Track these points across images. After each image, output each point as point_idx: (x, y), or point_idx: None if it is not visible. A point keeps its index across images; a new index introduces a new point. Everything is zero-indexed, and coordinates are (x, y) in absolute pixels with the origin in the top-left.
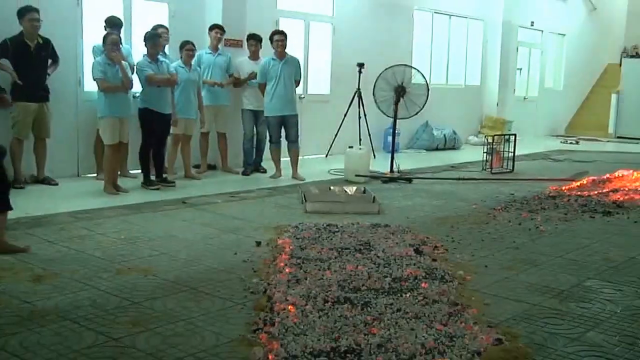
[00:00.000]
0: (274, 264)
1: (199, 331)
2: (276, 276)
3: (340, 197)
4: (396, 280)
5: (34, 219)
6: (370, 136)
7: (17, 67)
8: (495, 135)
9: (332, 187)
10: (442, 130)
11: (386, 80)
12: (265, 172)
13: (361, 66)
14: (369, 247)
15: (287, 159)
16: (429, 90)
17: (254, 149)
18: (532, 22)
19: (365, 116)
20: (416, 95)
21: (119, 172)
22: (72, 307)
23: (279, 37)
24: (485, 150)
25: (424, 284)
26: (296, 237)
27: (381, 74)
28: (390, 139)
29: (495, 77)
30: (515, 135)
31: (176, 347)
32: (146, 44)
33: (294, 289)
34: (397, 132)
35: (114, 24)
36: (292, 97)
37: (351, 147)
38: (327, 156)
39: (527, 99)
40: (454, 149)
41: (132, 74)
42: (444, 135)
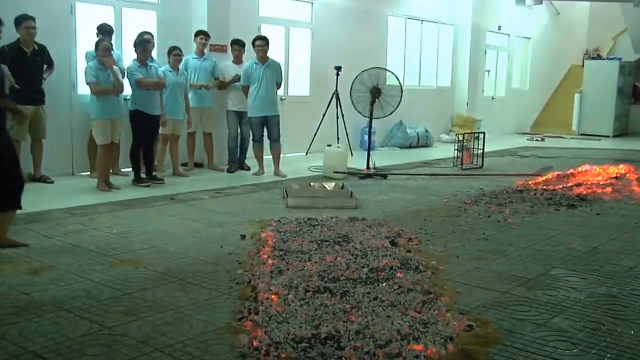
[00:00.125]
0: (258, 256)
1: (188, 320)
2: (260, 267)
3: (319, 193)
4: (373, 270)
5: (32, 215)
6: (347, 135)
7: (15, 72)
8: (465, 133)
9: (312, 183)
10: (415, 128)
11: (362, 82)
12: (248, 169)
13: (338, 69)
14: (347, 239)
15: (269, 157)
16: (402, 91)
17: (238, 147)
18: (499, 27)
19: (342, 116)
20: (390, 96)
21: (111, 171)
22: (68, 298)
23: (260, 43)
24: (456, 147)
25: (399, 274)
26: (278, 231)
27: (357, 76)
28: (366, 137)
29: (465, 79)
30: (484, 133)
31: (166, 335)
32: (136, 50)
33: (276, 280)
34: (372, 130)
35: (105, 31)
36: (273, 99)
37: (330, 146)
38: (307, 154)
39: (495, 98)
40: (426, 147)
41: (123, 78)
42: (417, 133)
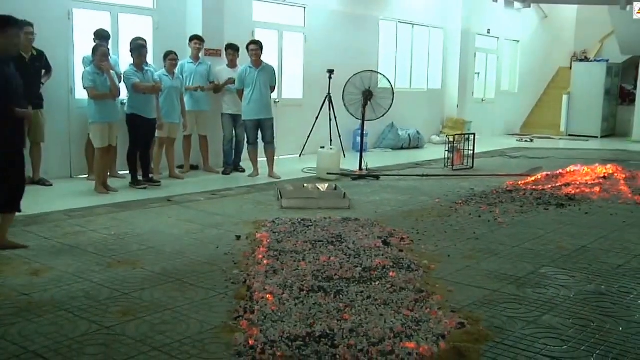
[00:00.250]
0: (253, 256)
1: (184, 319)
2: (255, 267)
3: (313, 194)
4: (366, 269)
5: (31, 217)
6: (340, 137)
7: None
8: (455, 134)
9: (305, 185)
10: (406, 130)
11: (354, 85)
12: (243, 171)
13: (331, 72)
14: (340, 239)
15: (264, 159)
16: (394, 93)
17: (233, 150)
18: (489, 30)
19: (335, 118)
20: (382, 98)
21: (109, 173)
22: (67, 299)
23: (254, 47)
24: (447, 148)
25: (391, 273)
26: (273, 231)
27: (350, 79)
28: (359, 139)
29: (455, 81)
30: (474, 134)
31: (163, 334)
32: (132, 54)
33: (271, 279)
34: (365, 132)
35: (102, 37)
36: (267, 102)
37: (323, 148)
38: (300, 156)
39: (484, 100)
40: (417, 148)
41: (120, 82)
42: (409, 135)
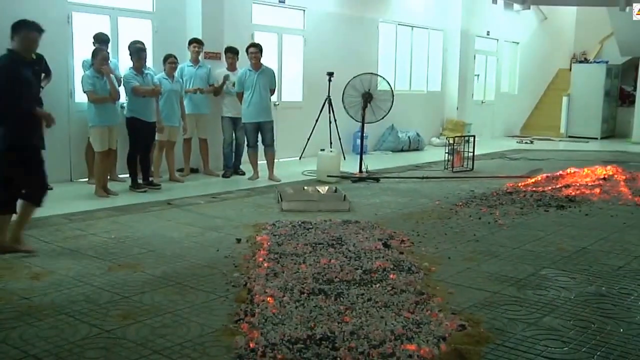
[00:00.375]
0: (253, 259)
1: (185, 322)
2: (255, 270)
3: (313, 196)
4: (366, 272)
5: (31, 221)
6: (340, 139)
7: None
8: (455, 136)
9: (305, 187)
10: (406, 132)
11: (354, 87)
12: (243, 174)
13: (331, 75)
14: (340, 242)
15: (263, 161)
16: (393, 96)
17: (233, 153)
18: (488, 32)
19: (335, 121)
20: (382, 100)
21: (109, 177)
22: (68, 302)
23: (253, 50)
24: (446, 150)
25: (392, 275)
26: (273, 234)
27: (349, 81)
28: (358, 141)
29: (454, 83)
30: (474, 136)
31: (164, 338)
32: (132, 58)
33: (272, 282)
34: (365, 135)
35: (102, 40)
36: (267, 105)
37: (323, 150)
38: (300, 158)
39: (484, 102)
40: (417, 150)
41: (119, 86)
42: (409, 137)
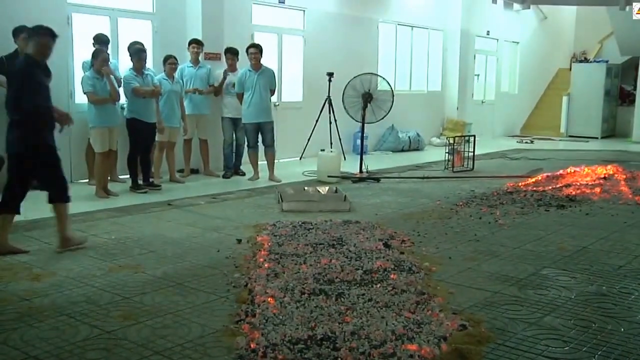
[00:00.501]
0: (254, 259)
1: (186, 323)
2: (256, 271)
3: (314, 197)
4: (367, 272)
5: (32, 222)
6: (340, 140)
7: None
8: (456, 136)
9: (306, 188)
10: (406, 132)
11: (354, 87)
12: (244, 174)
13: (331, 75)
14: (341, 242)
15: (264, 162)
16: (393, 96)
17: (234, 153)
18: (488, 32)
19: (335, 121)
20: (382, 101)
21: (109, 177)
22: (68, 303)
23: (253, 50)
24: (447, 150)
25: (393, 275)
26: (274, 235)
27: (349, 82)
28: (359, 141)
29: (455, 83)
30: (474, 136)
31: (165, 338)
32: (132, 59)
33: (273, 283)
34: (365, 135)
35: (101, 41)
36: (267, 105)
37: (323, 150)
38: (301, 159)
39: (484, 102)
40: (418, 150)
41: (120, 86)
42: (409, 137)
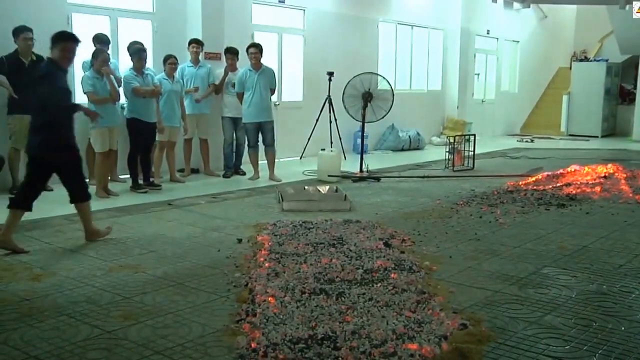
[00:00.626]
0: (255, 259)
1: (186, 323)
2: (257, 270)
3: (314, 196)
4: (368, 271)
5: (32, 222)
6: (340, 139)
7: (13, 82)
8: (456, 135)
9: (306, 187)
10: (407, 132)
11: (354, 87)
12: (244, 174)
13: (331, 75)
14: (341, 241)
15: (264, 161)
16: (394, 95)
17: (234, 153)
18: (488, 31)
19: (335, 120)
20: (382, 100)
21: (109, 177)
22: (69, 303)
23: (253, 50)
24: (447, 149)
25: (393, 275)
26: (274, 234)
27: (350, 81)
28: (359, 141)
29: (455, 82)
30: (474, 135)
31: (165, 338)
32: (132, 59)
33: (273, 282)
34: (365, 134)
35: (102, 41)
36: (267, 105)
37: (323, 150)
38: (301, 158)
39: (485, 101)
40: (418, 149)
41: (120, 86)
42: (409, 136)
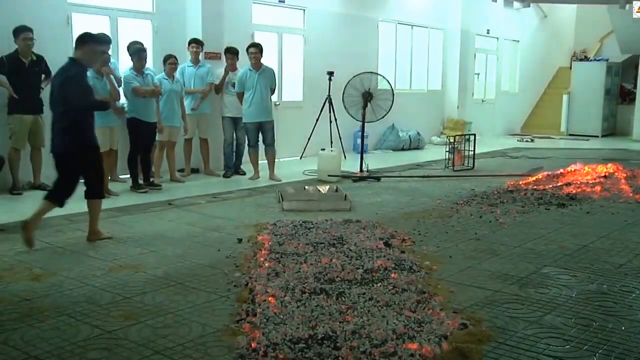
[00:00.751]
0: (255, 259)
1: (187, 322)
2: (257, 270)
3: (314, 196)
4: (368, 271)
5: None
6: (340, 139)
7: (13, 82)
8: (456, 135)
9: (306, 187)
10: (407, 131)
11: (354, 86)
12: (244, 174)
13: (331, 74)
14: (342, 241)
15: (264, 161)
16: (394, 95)
17: (234, 153)
18: (488, 30)
19: (335, 120)
20: (382, 100)
21: (110, 177)
22: (69, 303)
23: (253, 50)
24: (447, 149)
25: (393, 275)
26: (274, 234)
27: (350, 81)
28: (359, 140)
29: (455, 82)
30: (474, 135)
31: (165, 338)
32: (132, 58)
33: (273, 282)
34: (365, 134)
35: (102, 41)
36: (268, 105)
37: (323, 149)
38: (301, 158)
39: (485, 101)
40: (418, 149)
41: (120, 86)
42: (409, 136)
